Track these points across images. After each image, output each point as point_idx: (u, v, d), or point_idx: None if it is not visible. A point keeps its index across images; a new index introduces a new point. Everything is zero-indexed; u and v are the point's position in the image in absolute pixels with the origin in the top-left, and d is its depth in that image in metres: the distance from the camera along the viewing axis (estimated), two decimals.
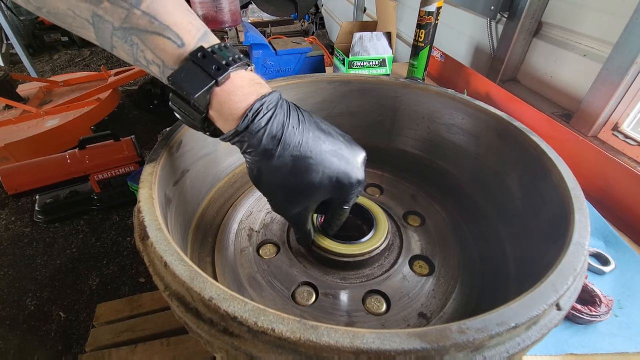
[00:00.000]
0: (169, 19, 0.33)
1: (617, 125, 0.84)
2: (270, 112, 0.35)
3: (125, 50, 0.35)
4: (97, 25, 0.33)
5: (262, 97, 0.35)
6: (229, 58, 0.35)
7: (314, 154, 0.37)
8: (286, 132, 0.35)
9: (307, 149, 0.36)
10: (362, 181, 0.40)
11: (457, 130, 0.62)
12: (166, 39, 0.33)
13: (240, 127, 0.34)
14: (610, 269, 0.57)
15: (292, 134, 0.36)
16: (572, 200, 0.38)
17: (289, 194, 0.40)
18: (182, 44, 0.34)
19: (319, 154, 0.37)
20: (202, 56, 0.34)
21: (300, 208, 0.42)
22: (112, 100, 2.64)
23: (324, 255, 0.50)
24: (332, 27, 3.42)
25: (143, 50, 0.34)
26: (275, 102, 0.36)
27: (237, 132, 0.35)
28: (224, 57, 0.34)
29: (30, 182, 1.68)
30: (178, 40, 0.34)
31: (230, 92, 0.34)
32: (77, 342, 1.33)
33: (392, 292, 0.48)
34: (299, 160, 0.36)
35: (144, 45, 0.34)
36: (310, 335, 0.24)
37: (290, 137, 0.36)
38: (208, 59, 0.34)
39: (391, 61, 1.10)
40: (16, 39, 2.95)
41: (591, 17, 0.88)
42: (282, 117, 0.35)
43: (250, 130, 0.35)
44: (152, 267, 0.33)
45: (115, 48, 0.35)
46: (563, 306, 0.30)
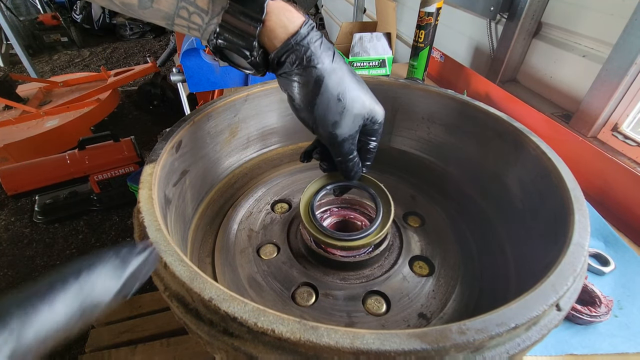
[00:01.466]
0: None
1: (617, 125, 0.84)
2: (318, 32, 0.38)
3: (167, 6, 0.36)
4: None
5: (306, 20, 0.37)
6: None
7: (356, 78, 0.41)
8: (335, 51, 0.39)
9: (351, 72, 0.41)
10: (377, 115, 0.44)
11: (457, 131, 0.63)
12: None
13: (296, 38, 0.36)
14: (610, 270, 0.57)
15: (339, 56, 0.39)
16: (572, 201, 0.38)
17: (334, 110, 0.40)
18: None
19: (358, 80, 0.41)
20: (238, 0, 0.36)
21: (347, 128, 0.42)
22: (112, 101, 2.64)
23: (323, 255, 0.50)
24: (332, 28, 3.42)
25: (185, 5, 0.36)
26: (310, 28, 0.38)
27: (292, 43, 0.37)
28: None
29: (30, 183, 1.68)
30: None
31: (282, 7, 0.37)
32: (77, 343, 1.32)
33: (392, 293, 0.48)
34: (347, 76, 0.40)
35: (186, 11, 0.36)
36: (310, 335, 0.24)
37: (337, 56, 0.39)
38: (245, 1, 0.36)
39: (391, 61, 1.11)
40: (15, 39, 2.95)
41: (590, 17, 0.88)
42: (322, 39, 0.38)
43: (306, 41, 0.37)
44: None
45: (153, 8, 0.36)
46: (563, 306, 0.30)
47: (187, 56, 1.14)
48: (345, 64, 0.41)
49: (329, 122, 0.41)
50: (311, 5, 0.92)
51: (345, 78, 0.40)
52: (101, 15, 4.66)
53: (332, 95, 0.40)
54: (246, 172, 0.68)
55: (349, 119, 0.41)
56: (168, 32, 4.84)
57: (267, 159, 0.70)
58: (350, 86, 0.40)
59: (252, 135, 0.67)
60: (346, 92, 0.40)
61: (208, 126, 0.57)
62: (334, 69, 0.39)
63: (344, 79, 0.40)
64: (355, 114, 0.41)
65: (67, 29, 4.33)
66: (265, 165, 0.71)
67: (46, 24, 4.20)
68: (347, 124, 0.42)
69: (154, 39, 4.83)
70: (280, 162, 0.72)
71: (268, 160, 0.71)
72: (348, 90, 0.40)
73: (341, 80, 0.39)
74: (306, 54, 0.37)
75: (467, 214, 0.61)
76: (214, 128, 0.58)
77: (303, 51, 0.37)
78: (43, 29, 4.22)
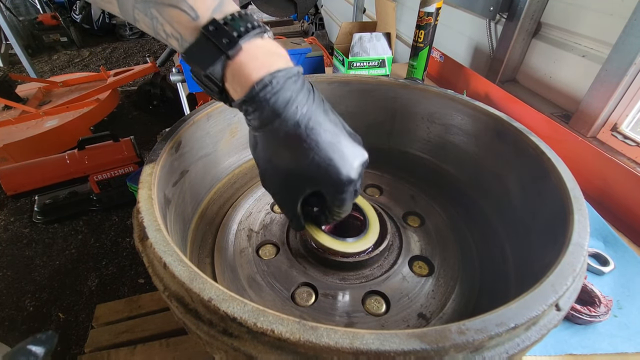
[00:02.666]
0: None
1: (616, 125, 0.84)
2: (277, 87, 0.34)
3: (146, 23, 0.35)
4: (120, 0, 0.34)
5: (276, 71, 0.34)
6: (240, 28, 0.34)
7: (309, 138, 0.35)
8: (287, 110, 0.34)
9: (303, 131, 0.35)
10: (352, 180, 0.38)
11: (457, 131, 0.63)
12: (181, 12, 0.33)
13: (245, 97, 0.34)
14: (609, 269, 0.57)
15: (293, 113, 0.34)
16: (571, 201, 0.38)
17: (276, 172, 0.39)
18: (197, 16, 0.33)
19: (314, 139, 0.35)
20: (214, 29, 0.33)
21: (286, 189, 0.41)
22: (111, 101, 2.64)
23: (323, 255, 0.50)
24: (332, 28, 3.42)
25: (162, 23, 0.35)
26: (285, 77, 0.34)
27: (242, 101, 0.35)
28: (235, 28, 0.33)
29: (29, 183, 1.68)
30: (192, 12, 0.33)
31: (241, 64, 0.34)
32: (76, 343, 1.32)
33: (392, 293, 0.48)
34: (291, 139, 0.35)
35: (162, 18, 0.34)
36: (310, 335, 0.24)
37: (290, 115, 0.34)
38: (219, 31, 0.33)
39: (390, 61, 1.11)
40: (15, 39, 2.94)
41: (590, 17, 0.88)
42: (288, 94, 0.34)
43: (255, 101, 0.34)
44: (151, 268, 0.33)
45: (137, 20, 0.36)
46: (562, 306, 0.30)
47: None
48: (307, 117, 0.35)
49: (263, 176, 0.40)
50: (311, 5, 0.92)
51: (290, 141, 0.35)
52: (101, 15, 4.66)
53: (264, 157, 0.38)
54: (246, 172, 0.68)
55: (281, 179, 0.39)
56: None
57: None
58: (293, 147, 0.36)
59: None
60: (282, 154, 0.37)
61: (208, 126, 0.57)
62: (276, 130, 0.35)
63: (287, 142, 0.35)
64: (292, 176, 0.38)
65: (66, 29, 4.33)
66: None
67: (45, 24, 4.20)
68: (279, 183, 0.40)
69: (154, 39, 4.82)
70: None
71: None
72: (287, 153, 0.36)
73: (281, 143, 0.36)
74: (253, 113, 0.35)
75: (467, 214, 0.61)
76: (213, 128, 0.58)
77: (251, 109, 0.35)
78: (42, 29, 4.21)
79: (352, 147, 0.38)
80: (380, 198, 0.66)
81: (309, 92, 0.36)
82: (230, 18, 0.34)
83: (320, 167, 0.36)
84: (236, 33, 0.33)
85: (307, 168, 0.36)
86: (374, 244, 0.51)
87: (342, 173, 0.37)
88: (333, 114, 0.38)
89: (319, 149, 0.35)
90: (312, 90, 0.37)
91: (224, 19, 0.34)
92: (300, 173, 0.37)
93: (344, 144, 0.37)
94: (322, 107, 0.37)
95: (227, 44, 0.33)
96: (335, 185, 0.38)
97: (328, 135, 0.36)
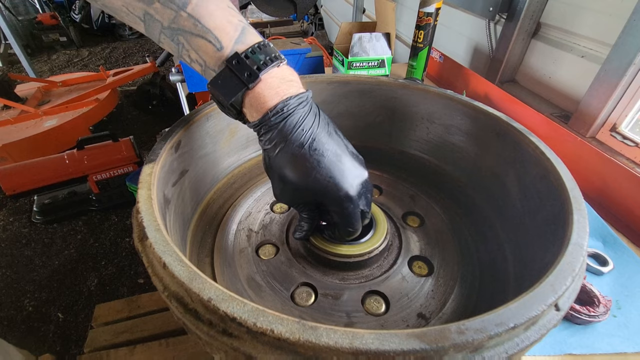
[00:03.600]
0: (210, 22, 0.37)
1: (615, 125, 0.84)
2: (288, 112, 0.38)
3: (170, 46, 0.39)
4: (148, 22, 0.38)
5: (287, 98, 0.38)
6: (260, 62, 0.37)
7: (312, 158, 0.39)
8: (294, 132, 0.39)
9: (306, 151, 0.39)
10: (351, 197, 0.41)
11: (456, 131, 0.63)
12: (207, 42, 0.37)
13: (259, 121, 0.39)
14: (609, 269, 0.57)
15: (299, 135, 0.39)
16: (571, 201, 0.38)
17: (284, 186, 0.43)
18: (221, 47, 0.37)
19: (316, 159, 0.40)
20: (237, 62, 0.37)
21: (293, 201, 0.46)
22: (111, 101, 2.64)
23: (322, 256, 0.50)
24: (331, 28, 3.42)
25: (188, 49, 0.38)
26: (296, 103, 0.38)
27: (256, 124, 0.39)
28: (256, 62, 0.37)
29: (28, 183, 1.68)
30: (217, 43, 0.37)
31: (259, 93, 0.38)
32: (76, 343, 1.32)
33: (391, 293, 0.48)
34: (296, 158, 0.39)
35: (189, 45, 0.38)
36: (309, 335, 0.24)
37: (295, 137, 0.39)
38: (241, 65, 0.37)
39: (390, 62, 1.11)
40: (14, 39, 2.94)
41: (589, 18, 0.88)
42: (296, 119, 0.38)
43: (267, 124, 0.38)
44: (150, 268, 0.33)
45: (162, 42, 0.40)
46: (561, 306, 0.30)
47: None
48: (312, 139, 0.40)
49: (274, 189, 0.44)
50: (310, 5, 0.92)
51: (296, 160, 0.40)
52: (100, 15, 4.65)
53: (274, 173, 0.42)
54: (245, 172, 0.68)
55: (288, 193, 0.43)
56: None
57: None
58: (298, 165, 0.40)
59: (251, 135, 0.67)
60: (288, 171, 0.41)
61: (207, 126, 0.57)
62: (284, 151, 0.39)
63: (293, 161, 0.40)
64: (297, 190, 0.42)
65: (65, 29, 4.32)
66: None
67: (45, 23, 4.20)
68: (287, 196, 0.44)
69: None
70: None
71: None
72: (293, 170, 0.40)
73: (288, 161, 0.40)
74: (265, 134, 0.39)
75: (466, 214, 0.61)
76: (213, 128, 0.58)
77: (263, 131, 0.39)
78: (42, 28, 4.21)
79: (352, 167, 0.42)
80: (380, 198, 0.66)
81: (314, 115, 0.40)
82: (250, 51, 0.38)
83: (322, 184, 0.40)
84: (256, 67, 0.37)
85: (311, 184, 0.40)
86: None
87: (341, 190, 0.41)
88: (337, 135, 0.43)
89: (320, 168, 0.40)
90: (318, 114, 0.41)
91: (246, 53, 0.37)
92: (306, 188, 0.41)
93: (345, 164, 0.41)
94: (327, 129, 0.41)
95: (248, 77, 0.37)
96: (336, 201, 0.42)
97: (330, 155, 0.40)
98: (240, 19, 0.39)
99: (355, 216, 0.44)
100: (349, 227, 0.45)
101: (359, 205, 0.43)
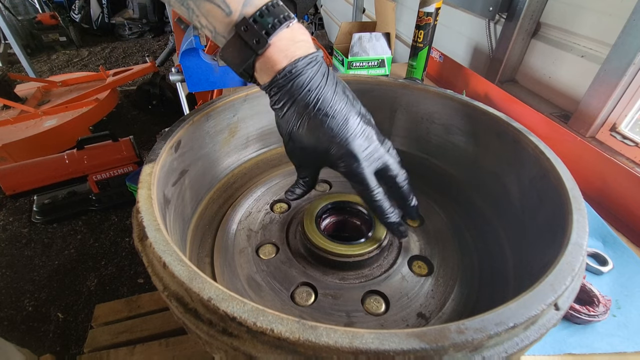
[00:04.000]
0: None
1: (615, 125, 0.84)
2: (296, 73, 0.38)
3: (181, 10, 0.39)
4: None
5: (296, 60, 0.38)
6: (268, 25, 0.37)
7: (316, 117, 0.40)
8: (301, 93, 0.39)
9: (311, 110, 0.40)
10: (354, 154, 0.41)
11: (456, 131, 0.63)
12: (216, 6, 0.37)
13: (269, 83, 0.39)
14: (608, 269, 0.57)
15: (306, 96, 0.39)
16: (570, 201, 0.38)
17: (293, 144, 0.44)
18: (230, 11, 0.37)
19: (320, 119, 0.40)
20: (245, 28, 0.37)
21: (302, 160, 0.47)
22: (111, 101, 2.64)
23: (322, 255, 0.50)
24: (331, 28, 3.42)
25: (198, 15, 0.38)
26: (304, 64, 0.39)
27: (266, 86, 0.40)
28: (265, 26, 0.37)
29: (28, 183, 1.68)
30: (226, 7, 0.37)
31: (268, 57, 0.38)
32: (76, 343, 1.32)
33: (391, 292, 0.48)
34: (302, 118, 0.40)
35: (199, 11, 0.38)
36: (309, 335, 0.24)
37: (302, 97, 0.39)
38: (250, 31, 0.37)
39: (390, 61, 1.11)
40: (14, 39, 2.93)
41: (589, 18, 0.88)
42: (303, 79, 0.39)
43: (276, 85, 0.39)
44: (150, 268, 0.33)
45: (172, 6, 0.40)
46: (561, 306, 0.30)
47: (186, 56, 1.14)
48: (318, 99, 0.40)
49: (285, 145, 0.45)
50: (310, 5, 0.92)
51: (302, 118, 0.40)
52: (100, 14, 4.65)
53: (283, 131, 0.43)
54: (245, 171, 0.68)
55: (295, 148, 0.44)
56: (167, 31, 4.84)
57: (266, 158, 0.70)
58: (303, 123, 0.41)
59: (251, 135, 0.67)
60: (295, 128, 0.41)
61: (207, 126, 0.57)
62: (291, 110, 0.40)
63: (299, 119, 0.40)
64: (303, 146, 0.42)
65: (65, 29, 4.32)
66: (264, 165, 0.71)
67: (45, 23, 4.19)
68: (294, 152, 0.45)
69: (153, 38, 4.82)
70: (280, 162, 0.72)
71: (267, 160, 0.71)
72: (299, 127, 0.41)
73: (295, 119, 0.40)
74: (274, 96, 0.40)
75: (466, 214, 0.61)
76: (213, 128, 0.58)
77: (273, 93, 0.40)
78: (41, 28, 4.21)
79: (357, 125, 0.42)
80: None
81: (323, 75, 0.40)
82: (259, 14, 0.37)
83: (325, 142, 0.41)
84: (265, 31, 0.37)
85: (317, 142, 0.41)
86: None
87: (344, 147, 0.41)
88: (344, 95, 0.42)
89: (324, 127, 0.40)
90: (326, 74, 0.41)
91: (254, 17, 0.37)
92: (312, 146, 0.42)
93: (350, 123, 0.41)
94: (334, 89, 0.41)
95: (256, 44, 0.37)
96: (341, 159, 0.42)
97: (335, 114, 0.40)
98: None
99: (364, 175, 0.42)
100: (362, 190, 0.44)
101: (366, 165, 0.42)
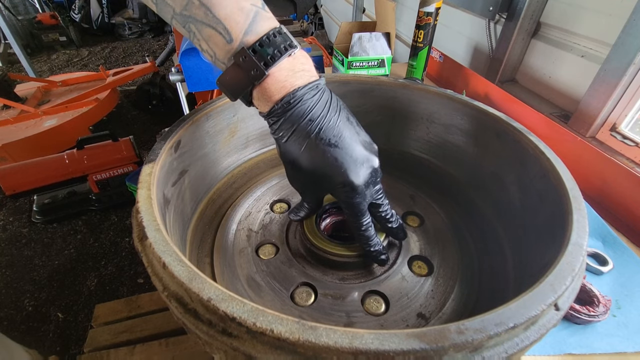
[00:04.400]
0: (221, 11, 0.36)
1: (615, 125, 0.84)
2: (295, 103, 0.38)
3: (182, 32, 0.39)
4: (160, 6, 0.38)
5: (294, 90, 0.38)
6: (268, 56, 0.36)
7: (317, 147, 0.40)
8: (301, 122, 0.39)
9: (313, 140, 0.39)
10: (356, 187, 0.41)
11: (456, 131, 0.63)
12: (217, 33, 0.37)
13: (268, 113, 0.40)
14: (608, 269, 0.57)
15: (307, 125, 0.39)
16: (570, 201, 0.38)
17: (294, 173, 0.45)
18: (230, 39, 0.37)
19: (322, 148, 0.40)
20: (243, 59, 0.36)
21: (304, 188, 0.48)
22: (111, 100, 2.64)
23: (322, 255, 0.50)
24: (331, 28, 3.42)
25: (199, 39, 0.38)
26: (303, 94, 0.38)
27: (265, 115, 0.41)
28: (264, 56, 0.36)
29: (28, 182, 1.68)
30: (227, 35, 0.36)
31: (266, 88, 0.38)
32: (75, 343, 1.32)
33: (391, 292, 0.48)
34: (303, 148, 0.40)
35: (200, 35, 0.38)
36: (309, 335, 0.24)
37: (303, 127, 0.39)
38: (248, 61, 0.36)
39: (390, 61, 1.11)
40: (14, 39, 2.93)
41: (589, 18, 0.88)
42: (303, 109, 0.38)
43: (275, 115, 0.39)
44: (150, 268, 0.33)
45: (173, 26, 0.40)
46: (561, 306, 0.30)
47: (186, 56, 1.14)
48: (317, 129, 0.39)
49: (287, 173, 0.46)
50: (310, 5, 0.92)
51: (300, 150, 0.40)
52: (100, 14, 4.65)
53: (283, 160, 0.43)
54: (245, 171, 0.68)
55: (294, 177, 0.45)
56: (167, 31, 4.84)
57: (266, 158, 0.70)
58: (302, 154, 0.40)
59: (251, 135, 0.66)
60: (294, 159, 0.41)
61: (207, 126, 0.57)
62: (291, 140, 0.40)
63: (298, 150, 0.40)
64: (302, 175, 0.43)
65: (65, 29, 4.32)
66: (264, 165, 0.71)
67: (44, 23, 4.19)
68: (293, 180, 0.46)
69: (153, 38, 4.82)
70: (279, 162, 0.72)
71: (267, 160, 0.71)
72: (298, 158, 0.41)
73: (294, 149, 0.40)
74: (273, 125, 0.40)
75: (466, 214, 0.61)
76: (213, 128, 0.58)
77: (271, 122, 0.40)
78: (41, 28, 4.21)
79: (361, 156, 0.41)
80: None
81: (325, 103, 0.40)
82: (259, 44, 0.36)
83: (328, 173, 0.41)
84: (264, 62, 0.36)
85: (319, 173, 0.41)
86: None
87: (346, 178, 0.41)
88: (349, 123, 0.42)
89: (327, 157, 0.40)
90: (329, 101, 0.40)
91: (253, 47, 0.36)
92: (313, 176, 0.42)
93: (353, 153, 0.41)
94: (337, 117, 0.41)
95: (255, 74, 0.37)
96: (341, 191, 0.42)
97: (338, 143, 0.40)
98: (253, 2, 0.37)
99: (360, 207, 0.43)
100: (354, 220, 0.44)
101: (365, 196, 0.43)
